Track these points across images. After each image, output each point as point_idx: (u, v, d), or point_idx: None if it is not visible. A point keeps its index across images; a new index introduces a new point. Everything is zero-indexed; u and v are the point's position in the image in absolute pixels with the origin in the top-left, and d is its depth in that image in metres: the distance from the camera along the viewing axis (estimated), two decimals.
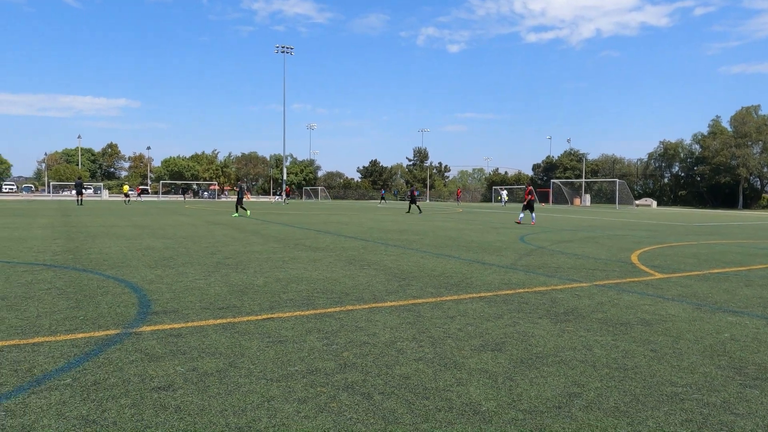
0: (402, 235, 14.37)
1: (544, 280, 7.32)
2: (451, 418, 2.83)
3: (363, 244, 11.53)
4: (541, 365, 3.70)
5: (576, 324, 4.88)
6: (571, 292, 6.42)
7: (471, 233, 15.45)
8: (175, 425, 2.67)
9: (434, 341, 4.22)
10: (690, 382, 3.43)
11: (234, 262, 8.35)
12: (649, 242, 13.49)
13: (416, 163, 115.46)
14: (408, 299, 5.83)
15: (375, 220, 22.11)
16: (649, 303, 5.90)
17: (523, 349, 4.06)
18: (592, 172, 76.52)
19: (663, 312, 5.46)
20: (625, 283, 7.15)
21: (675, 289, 6.82)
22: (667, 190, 72.44)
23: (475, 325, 4.77)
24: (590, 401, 3.09)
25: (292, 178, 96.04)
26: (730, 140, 61.51)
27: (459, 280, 7.16)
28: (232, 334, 4.31)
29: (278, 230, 15.33)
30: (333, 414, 2.84)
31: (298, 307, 5.33)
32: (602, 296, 6.22)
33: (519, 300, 5.90)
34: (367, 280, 6.95)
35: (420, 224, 19.41)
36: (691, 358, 3.95)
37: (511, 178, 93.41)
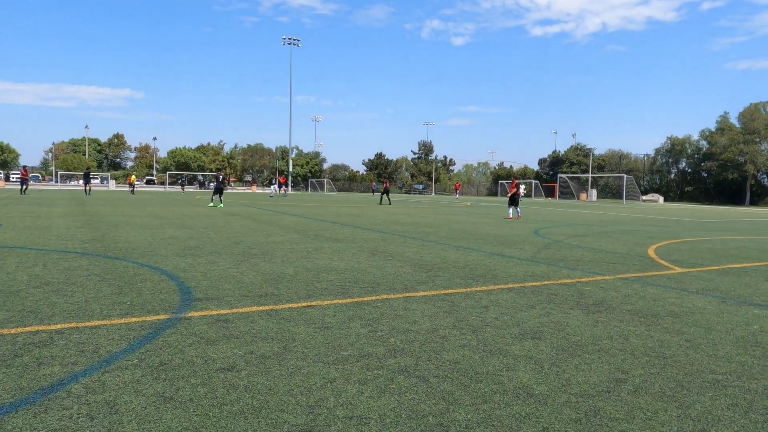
0: (417, 227, 14.50)
1: (567, 272, 7.44)
2: (508, 400, 2.97)
3: (381, 236, 11.67)
4: (582, 353, 3.84)
5: (607, 315, 5.01)
6: (597, 285, 6.55)
7: (485, 226, 15.57)
8: (249, 403, 2.82)
9: (474, 329, 4.36)
10: (729, 370, 3.56)
11: (260, 252, 8.51)
12: (663, 237, 13.59)
13: (421, 157, 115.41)
14: (439, 289, 5.97)
15: (386, 213, 22.25)
16: (675, 296, 6.02)
17: (562, 338, 4.20)
18: (599, 167, 76.42)
19: (690, 305, 5.58)
20: (647, 277, 7.27)
21: (697, 282, 6.94)
22: (674, 186, 72.32)
23: (509, 314, 4.91)
24: (637, 386, 3.22)
25: (297, 170, 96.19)
26: (738, 136, 61.32)
27: (484, 271, 7.29)
28: (277, 320, 4.46)
29: (294, 221, 15.48)
30: (395, 395, 2.98)
31: (335, 295, 5.48)
32: (627, 289, 6.35)
33: (547, 291, 6.03)
34: (395, 271, 7.09)
35: (432, 217, 19.54)
36: (726, 348, 4.08)
37: (516, 172, 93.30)
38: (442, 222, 17.05)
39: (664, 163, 73.78)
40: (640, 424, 2.72)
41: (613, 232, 14.96)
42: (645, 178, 75.22)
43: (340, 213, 20.78)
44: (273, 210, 21.74)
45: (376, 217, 18.47)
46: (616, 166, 76.21)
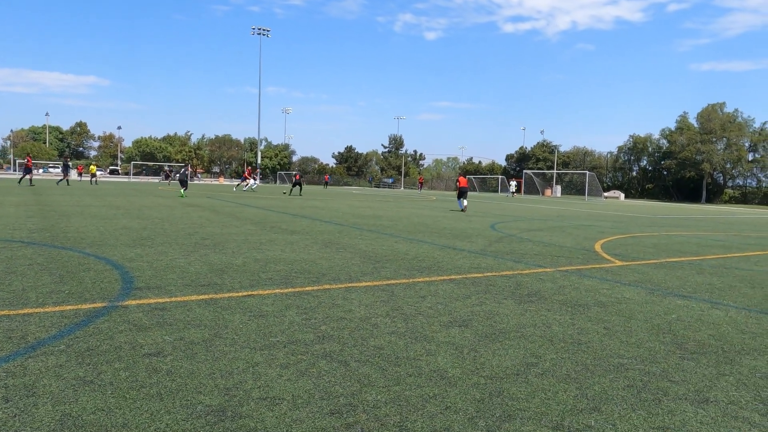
0: (376, 220, 14.66)
1: (511, 265, 7.69)
2: (420, 382, 3.13)
3: (338, 229, 11.78)
4: (504, 339, 4.04)
5: (538, 305, 5.24)
6: (536, 277, 6.80)
7: (444, 220, 15.83)
8: (167, 385, 2.91)
9: (406, 317, 4.52)
10: (635, 355, 3.81)
11: (212, 243, 8.53)
12: (613, 232, 14.05)
13: (391, 151, 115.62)
14: (382, 280, 6.12)
15: (350, 206, 22.34)
16: (607, 287, 6.31)
17: (488, 326, 4.39)
18: (564, 164, 77.90)
19: (619, 295, 5.87)
20: (586, 269, 7.57)
21: (632, 275, 7.26)
22: (635, 183, 74.27)
23: (444, 303, 5.09)
24: (545, 369, 3.43)
25: (266, 162, 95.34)
26: (696, 136, 63.31)
27: (431, 263, 7.48)
28: (214, 308, 4.54)
29: (254, 213, 15.46)
30: (313, 378, 3.11)
31: (277, 285, 5.58)
32: (564, 281, 6.61)
33: (486, 283, 6.24)
34: (343, 262, 7.22)
35: (395, 211, 19.73)
36: (639, 335, 4.33)
37: (484, 167, 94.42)
38: (403, 215, 17.24)
39: (627, 161, 75.68)
40: (538, 402, 2.92)
41: (567, 226, 15.38)
42: (608, 175, 77.02)
43: (303, 205, 20.79)
44: (235, 202, 21.61)
45: (339, 210, 18.56)
46: (580, 163, 77.79)
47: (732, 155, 62.49)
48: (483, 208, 25.16)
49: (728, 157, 62.73)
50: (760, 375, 3.51)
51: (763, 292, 6.48)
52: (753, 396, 3.14)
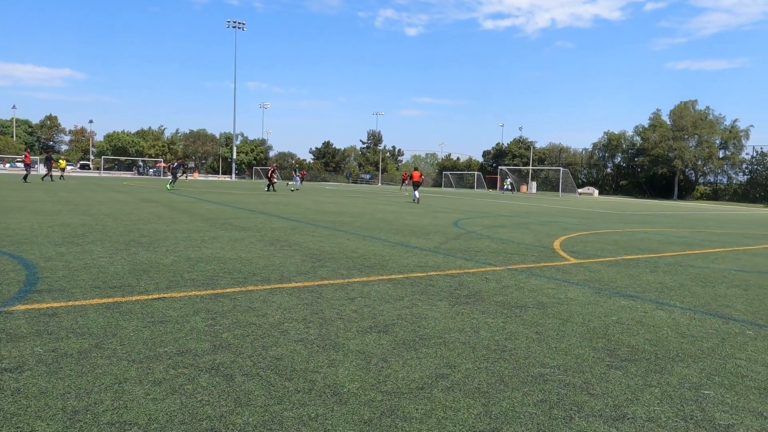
0: (337, 217, 14.28)
1: (461, 263, 7.38)
2: (307, 399, 2.78)
3: (293, 225, 11.37)
4: (421, 347, 3.70)
5: (473, 306, 4.92)
6: (482, 276, 6.50)
7: (408, 216, 15.51)
8: (6, 408, 2.51)
9: (323, 322, 4.17)
10: (560, 363, 3.50)
11: (149, 240, 8.07)
12: (578, 229, 13.88)
13: (370, 147, 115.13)
14: (316, 280, 5.75)
15: (316, 202, 21.93)
16: (553, 287, 6.03)
17: (410, 331, 4.06)
18: (540, 160, 78.30)
19: (562, 295, 5.59)
20: (537, 268, 7.30)
21: (583, 273, 7.00)
22: (610, 180, 74.97)
23: (372, 306, 4.74)
24: (455, 382, 3.10)
25: (242, 157, 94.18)
26: (668, 133, 64.06)
27: (376, 262, 7.13)
28: (113, 313, 4.13)
29: (211, 209, 14.96)
30: (184, 396, 2.74)
31: (197, 286, 5.18)
32: (510, 280, 6.32)
33: (427, 282, 5.92)
34: (282, 261, 6.83)
35: (361, 207, 19.36)
36: (571, 340, 4.04)
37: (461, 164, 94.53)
38: (368, 211, 16.89)
39: (601, 158, 76.33)
40: (432, 424, 2.58)
41: (533, 223, 15.19)
42: (583, 171, 77.64)
43: (267, 201, 20.31)
44: (196, 197, 21.04)
45: (302, 206, 18.13)
46: (556, 159, 78.26)
47: (703, 152, 63.35)
48: (453, 204, 24.93)
49: (699, 154, 63.58)
50: (689, 385, 3.23)
51: (714, 291, 6.27)
52: (675, 411, 2.86)
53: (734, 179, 66.75)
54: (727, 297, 5.97)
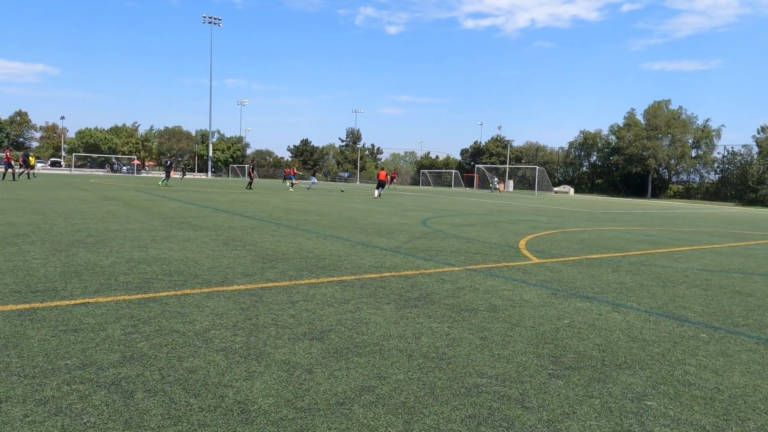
0: (303, 215, 13.97)
1: (419, 263, 7.15)
2: (209, 419, 2.50)
3: (255, 224, 11.04)
4: (354, 355, 3.45)
5: (421, 310, 4.69)
6: (438, 277, 6.27)
7: (377, 215, 15.26)
8: None
9: (254, 329, 3.89)
10: (499, 373, 3.28)
11: (95, 240, 7.68)
12: (547, 227, 13.78)
13: (349, 144, 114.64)
14: (260, 282, 5.47)
15: (286, 200, 21.56)
16: (510, 288, 5.83)
17: (347, 338, 3.80)
18: (517, 159, 78.72)
19: (517, 297, 5.38)
20: (497, 268, 7.10)
21: (543, 274, 6.82)
22: (585, 178, 75.70)
23: (313, 311, 4.48)
24: (380, 396, 2.85)
25: (218, 155, 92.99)
26: (642, 132, 64.84)
27: (331, 262, 6.87)
28: (23, 321, 3.80)
29: (172, 208, 14.52)
30: (68, 417, 2.44)
31: (129, 290, 4.85)
32: (467, 281, 6.11)
33: (379, 284, 5.67)
34: (230, 262, 6.52)
35: (332, 205, 19.06)
36: (517, 346, 3.83)
37: (440, 162, 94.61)
38: (336, 210, 16.60)
39: (577, 156, 77.01)
40: None
41: (503, 221, 15.06)
42: (559, 170, 78.26)
43: (235, 199, 19.89)
44: (163, 195, 20.52)
45: (270, 204, 17.76)
46: (533, 157, 78.76)
47: (676, 151, 64.24)
48: (426, 202, 24.76)
49: (672, 153, 64.47)
50: (632, 396, 3.03)
51: (673, 291, 6.13)
52: (613, 426, 2.65)
53: (706, 178, 67.87)
54: (685, 298, 5.83)
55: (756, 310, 5.42)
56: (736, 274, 7.62)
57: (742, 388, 3.25)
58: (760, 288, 6.64)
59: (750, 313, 5.25)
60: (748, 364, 3.71)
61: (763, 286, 6.76)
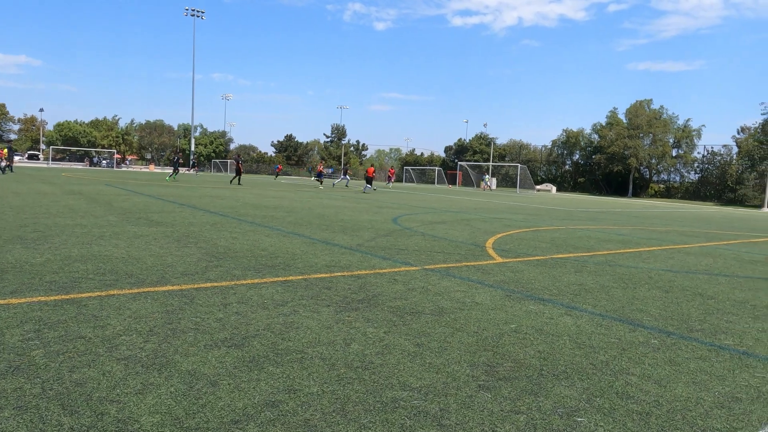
0: (272, 211, 13.64)
1: (376, 262, 6.89)
2: None
3: (217, 220, 10.70)
4: (271, 365, 3.18)
5: (362, 313, 4.43)
6: (391, 277, 6.02)
7: (349, 212, 14.98)
8: None
9: (171, 334, 3.60)
10: (425, 384, 3.03)
11: (38, 236, 7.31)
12: (520, 226, 13.60)
13: (333, 140, 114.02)
14: (199, 283, 5.17)
15: (259, 195, 21.18)
16: (464, 289, 5.59)
17: (270, 345, 3.52)
18: (500, 157, 78.82)
19: (469, 299, 5.14)
20: (457, 268, 6.86)
21: (504, 274, 6.60)
22: (568, 177, 76.02)
23: (244, 314, 4.19)
24: (283, 413, 2.58)
25: (201, 149, 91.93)
26: (624, 131, 65.21)
27: (283, 261, 6.58)
28: None
29: (138, 202, 14.11)
30: None
31: (50, 291, 4.53)
32: (421, 281, 5.86)
33: (326, 285, 5.40)
34: (174, 260, 6.21)
35: (305, 201, 18.73)
36: (453, 353, 3.58)
37: (424, 159, 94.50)
38: (307, 206, 16.28)
39: (560, 155, 77.30)
40: None
41: (477, 219, 14.86)
42: (542, 168, 78.51)
43: (206, 195, 19.47)
44: (132, 190, 20.04)
45: (240, 200, 17.39)
46: (516, 155, 78.93)
47: (657, 151, 64.71)
48: (405, 199, 24.53)
49: (653, 152, 64.93)
50: (563, 411, 2.80)
51: (633, 293, 5.94)
52: None
53: (686, 178, 68.48)
54: (645, 300, 5.64)
55: (714, 313, 5.24)
56: (702, 275, 7.47)
57: (683, 401, 3.04)
58: (722, 290, 6.48)
59: (707, 317, 5.07)
60: (695, 373, 3.50)
61: (726, 288, 6.61)
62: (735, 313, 5.30)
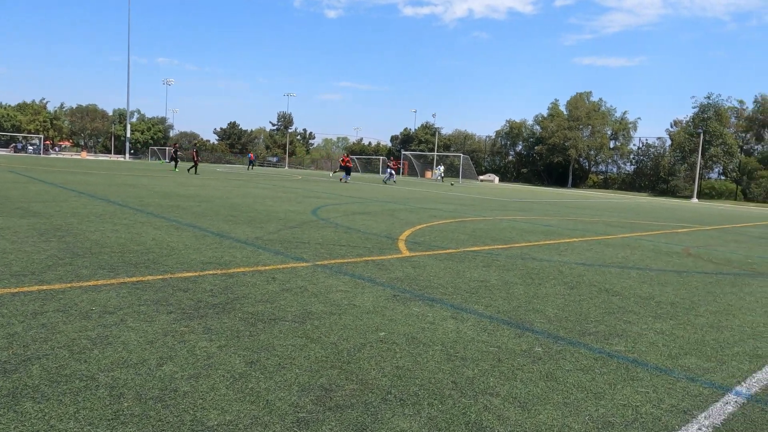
0: (182, 201, 12.67)
1: (265, 258, 6.20)
2: None
3: (111, 210, 9.72)
4: (31, 399, 2.46)
5: (206, 321, 3.74)
6: (271, 275, 5.34)
7: (270, 201, 14.16)
8: None
9: None
10: (226, 421, 2.39)
11: None
12: (446, 217, 13.17)
13: (280, 128, 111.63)
14: (27, 285, 4.34)
15: (181, 184, 20.00)
16: (348, 288, 4.98)
17: (53, 369, 2.80)
18: (446, 147, 79.09)
19: (347, 301, 4.54)
20: (353, 263, 6.26)
21: (402, 270, 6.04)
22: (511, 167, 77.09)
23: (52, 326, 3.43)
24: None
25: (137, 136, 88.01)
26: (564, 123, 66.51)
27: (152, 257, 5.79)
28: None
29: (28, 191, 12.84)
30: None
31: None
32: (303, 280, 5.22)
33: (185, 286, 4.67)
34: (19, 257, 5.32)
35: (229, 190, 17.74)
36: (289, 374, 2.95)
37: (370, 148, 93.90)
38: (227, 195, 15.35)
39: (504, 146, 78.24)
40: None
41: (403, 210, 14.34)
42: (487, 158, 79.29)
43: (122, 183, 18.18)
44: (34, 178, 18.50)
45: (153, 189, 16.26)
46: (461, 146, 79.38)
47: (595, 142, 66.31)
48: (338, 189, 23.84)
49: (592, 143, 66.52)
50: None
51: (536, 290, 5.50)
52: None
53: (623, 169, 70.61)
54: (545, 298, 5.20)
55: (615, 312, 4.84)
56: (614, 269, 7.16)
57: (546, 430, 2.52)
58: (631, 285, 6.14)
59: (606, 317, 4.66)
60: (571, 391, 3.02)
61: (635, 283, 6.29)
62: (636, 312, 4.93)
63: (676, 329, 4.46)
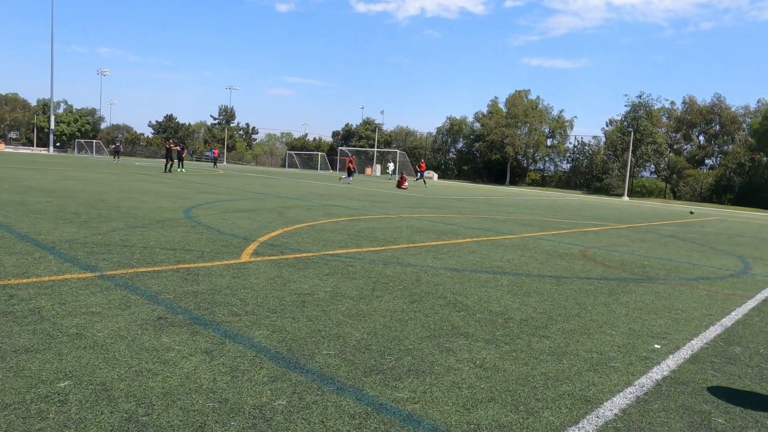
0: (37, 195, 11.11)
1: (45, 266, 4.96)
2: None
3: None
4: None
5: None
6: (14, 290, 4.12)
7: (150, 197, 12.74)
8: None
9: None
10: None
11: None
12: (342, 215, 12.13)
13: (221, 123, 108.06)
14: None
15: (65, 176, 18.18)
16: (106, 310, 3.84)
17: None
18: (386, 143, 78.39)
19: (88, 329, 3.40)
20: (156, 273, 5.09)
21: (219, 280, 4.93)
22: (452, 164, 77.18)
23: None
24: None
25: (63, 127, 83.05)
26: (503, 120, 66.98)
27: None
28: None
29: None
30: None
31: None
32: (49, 298, 4.03)
33: None
34: None
35: (113, 184, 16.13)
36: None
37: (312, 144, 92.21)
38: (107, 191, 13.80)
39: (444, 142, 78.26)
40: None
41: (298, 207, 13.22)
42: (428, 155, 79.12)
43: (9, 177, 16.27)
44: None
45: (30, 182, 14.50)
46: (403, 142, 78.88)
47: (533, 140, 67.13)
48: (250, 185, 22.48)
49: (530, 141, 67.29)
50: None
51: (363, 306, 4.51)
52: None
53: (560, 167, 71.81)
54: (365, 317, 4.22)
55: (439, 336, 3.90)
56: (486, 275, 6.30)
57: None
58: (489, 296, 5.26)
59: (423, 344, 3.70)
60: None
61: (496, 293, 5.42)
62: (469, 335, 4.00)
63: (503, 360, 3.55)
